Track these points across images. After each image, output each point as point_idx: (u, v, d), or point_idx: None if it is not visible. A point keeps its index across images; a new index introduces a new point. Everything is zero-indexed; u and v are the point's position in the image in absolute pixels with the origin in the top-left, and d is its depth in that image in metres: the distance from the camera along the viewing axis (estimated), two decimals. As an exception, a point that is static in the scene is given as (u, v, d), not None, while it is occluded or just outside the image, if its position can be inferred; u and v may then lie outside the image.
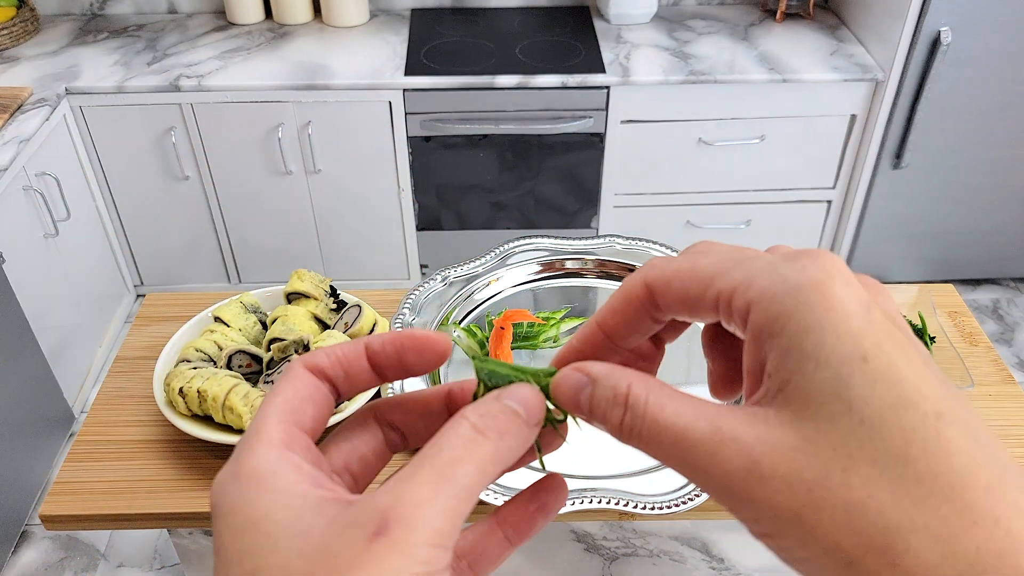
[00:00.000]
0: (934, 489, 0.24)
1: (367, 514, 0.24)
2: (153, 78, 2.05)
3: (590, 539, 0.94)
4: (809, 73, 2.10)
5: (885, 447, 0.24)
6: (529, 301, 0.96)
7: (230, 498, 0.26)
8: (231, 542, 0.25)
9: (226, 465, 0.28)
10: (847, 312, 0.25)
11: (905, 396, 0.24)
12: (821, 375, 0.25)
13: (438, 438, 0.27)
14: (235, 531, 0.25)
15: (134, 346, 0.96)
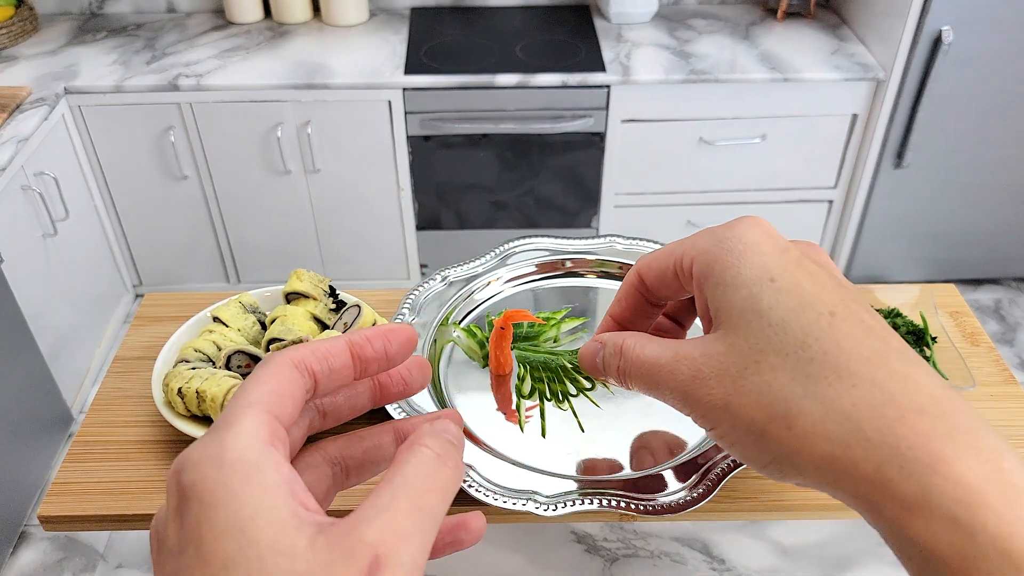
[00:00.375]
0: (823, 365, 0.30)
1: (357, 549, 0.24)
2: (152, 77, 2.04)
3: (590, 540, 0.94)
4: (810, 72, 2.09)
5: (787, 339, 0.31)
6: (529, 301, 0.95)
7: (212, 486, 0.24)
8: (212, 543, 0.24)
9: (201, 444, 0.26)
10: (760, 250, 0.33)
11: (805, 302, 0.31)
12: (739, 295, 0.32)
13: (404, 466, 0.27)
14: (218, 531, 0.24)
15: (133, 346, 0.96)
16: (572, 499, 0.69)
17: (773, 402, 0.30)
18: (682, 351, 0.34)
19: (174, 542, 0.25)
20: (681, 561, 0.96)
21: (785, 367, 0.30)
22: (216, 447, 0.25)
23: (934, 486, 0.26)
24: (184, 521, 0.25)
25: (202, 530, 0.24)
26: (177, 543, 0.25)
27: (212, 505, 0.24)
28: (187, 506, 0.25)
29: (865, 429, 0.28)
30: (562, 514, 0.68)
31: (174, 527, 0.25)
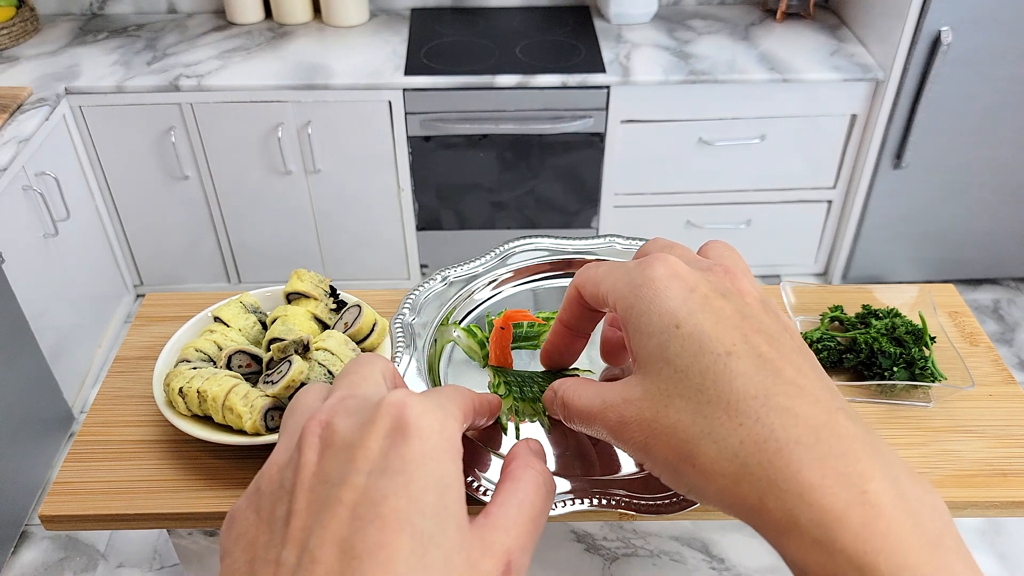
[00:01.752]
0: (717, 405, 0.32)
1: (499, 550, 0.30)
2: (153, 78, 2.04)
3: (590, 539, 0.94)
4: (809, 73, 2.09)
5: (689, 384, 0.33)
6: (529, 301, 0.96)
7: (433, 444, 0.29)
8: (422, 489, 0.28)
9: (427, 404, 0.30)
10: (668, 295, 0.35)
11: (704, 346, 0.33)
12: (652, 343, 0.35)
13: (523, 483, 0.35)
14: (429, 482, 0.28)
15: (133, 346, 0.96)
16: (571, 498, 0.70)
17: (680, 443, 0.33)
18: (608, 399, 0.37)
19: (379, 458, 0.28)
20: (681, 560, 0.97)
21: (688, 409, 0.33)
22: (441, 416, 0.30)
23: (800, 513, 0.29)
24: (400, 449, 0.28)
25: (416, 470, 0.28)
26: (384, 462, 0.28)
27: (431, 457, 0.29)
28: (407, 439, 0.29)
29: (750, 464, 0.31)
30: (561, 513, 0.69)
31: (382, 444, 0.29)
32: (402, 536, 0.26)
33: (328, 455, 0.29)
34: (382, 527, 0.26)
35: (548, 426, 0.78)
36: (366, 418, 0.30)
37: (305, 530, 0.27)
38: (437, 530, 0.28)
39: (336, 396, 0.32)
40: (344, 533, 0.27)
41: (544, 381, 0.81)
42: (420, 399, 0.30)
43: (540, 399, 0.79)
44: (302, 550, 0.27)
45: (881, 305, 0.95)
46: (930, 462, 0.79)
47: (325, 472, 0.29)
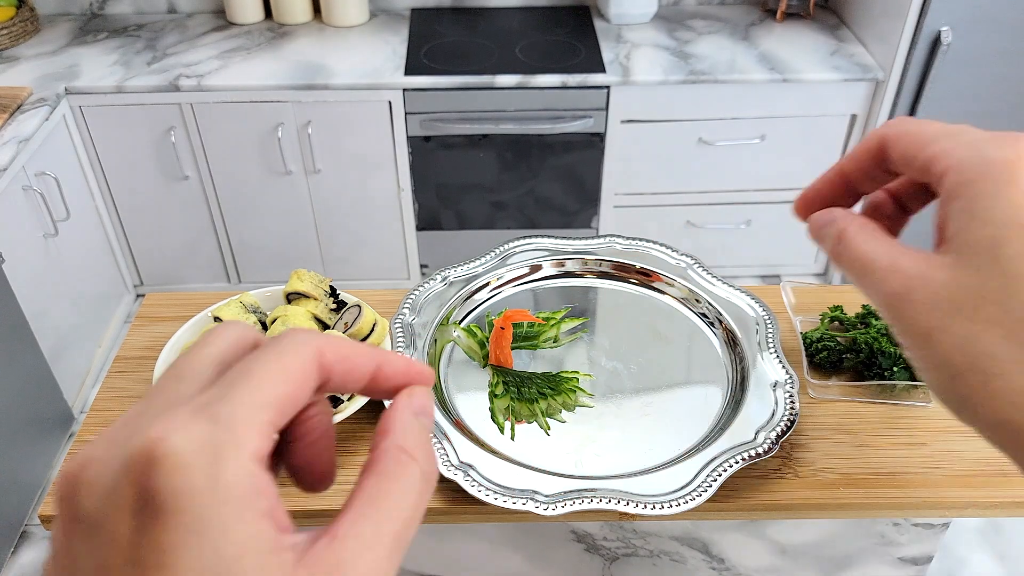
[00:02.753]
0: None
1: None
2: (153, 78, 2.05)
3: (590, 539, 0.94)
4: (809, 73, 2.09)
5: (1017, 298, 0.29)
6: (529, 301, 0.96)
7: (200, 511, 0.21)
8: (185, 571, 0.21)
9: (190, 438, 0.22)
10: (1022, 188, 0.30)
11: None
12: (983, 232, 0.30)
13: (389, 490, 0.25)
14: (197, 567, 0.21)
15: (134, 346, 0.96)
16: (572, 498, 0.70)
17: (977, 355, 0.29)
18: (900, 262, 0.33)
19: (130, 548, 0.21)
20: (681, 560, 0.97)
21: (1003, 324, 0.29)
22: (211, 462, 0.22)
23: None
24: (151, 533, 0.21)
25: (180, 559, 0.21)
26: (135, 553, 0.21)
27: (196, 533, 0.21)
28: (157, 518, 0.21)
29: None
30: (562, 513, 0.69)
31: (130, 528, 0.21)
32: None
33: (76, 535, 0.22)
34: None
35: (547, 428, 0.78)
36: (115, 479, 0.22)
37: None
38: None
39: (108, 431, 0.24)
40: None
41: (543, 381, 0.81)
42: (183, 433, 0.22)
43: (538, 400, 0.79)
44: None
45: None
46: (930, 462, 0.79)
47: (75, 559, 0.22)
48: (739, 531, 0.94)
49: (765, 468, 0.77)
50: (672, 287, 0.94)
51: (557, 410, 0.80)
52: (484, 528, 0.91)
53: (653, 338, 0.90)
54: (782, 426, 0.76)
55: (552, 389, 0.80)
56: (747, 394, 0.80)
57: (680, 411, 0.81)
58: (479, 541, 0.93)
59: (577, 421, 0.80)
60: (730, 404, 0.81)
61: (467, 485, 0.70)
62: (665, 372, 0.85)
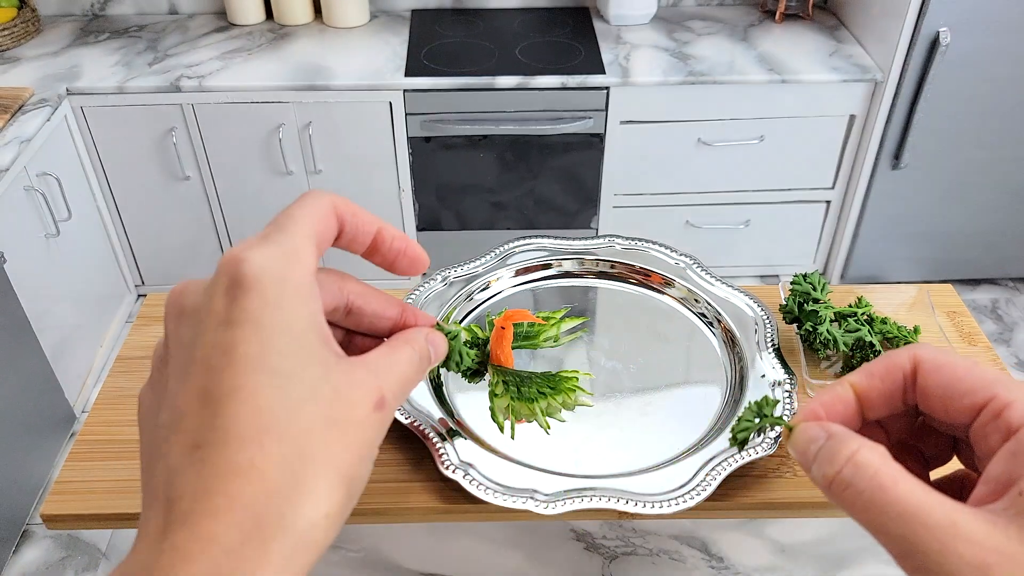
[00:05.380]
0: None
1: (372, 385, 0.31)
2: (154, 79, 2.05)
3: (589, 538, 0.94)
4: (808, 74, 2.10)
5: None
6: (529, 301, 0.96)
7: (276, 293, 0.28)
8: (272, 334, 0.28)
9: (264, 250, 0.29)
10: None
11: None
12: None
13: (409, 348, 0.35)
14: (278, 328, 0.28)
15: (135, 346, 0.96)
16: (571, 497, 0.70)
17: None
18: (962, 523, 0.28)
19: (223, 313, 0.28)
20: (680, 559, 0.97)
21: None
22: (283, 263, 0.29)
23: None
24: (240, 303, 0.28)
25: (263, 318, 0.28)
26: (228, 315, 0.28)
27: (275, 306, 0.28)
28: (246, 294, 0.28)
29: None
30: (561, 512, 0.69)
31: (224, 301, 0.28)
32: (258, 375, 0.27)
33: (182, 322, 0.29)
34: (235, 372, 0.27)
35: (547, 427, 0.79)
36: (208, 283, 0.29)
37: (173, 392, 0.28)
38: (297, 367, 0.28)
39: None
40: (202, 384, 0.27)
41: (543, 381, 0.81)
42: (259, 250, 0.29)
43: (538, 399, 0.79)
44: (172, 409, 0.28)
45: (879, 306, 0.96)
46: (927, 461, 0.80)
47: (181, 338, 0.29)
48: (738, 530, 0.94)
49: (764, 467, 0.77)
50: (671, 287, 0.95)
51: (557, 409, 0.80)
52: (484, 527, 0.92)
53: (652, 338, 0.90)
54: (782, 406, 0.76)
55: (552, 388, 0.80)
56: (746, 393, 0.81)
57: (679, 410, 0.82)
58: (479, 540, 0.94)
59: (577, 420, 0.80)
60: (729, 404, 0.81)
61: (467, 484, 0.71)
62: (664, 372, 0.86)
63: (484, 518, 0.75)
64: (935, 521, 0.28)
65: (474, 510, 0.74)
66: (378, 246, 0.37)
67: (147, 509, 0.27)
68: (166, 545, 0.25)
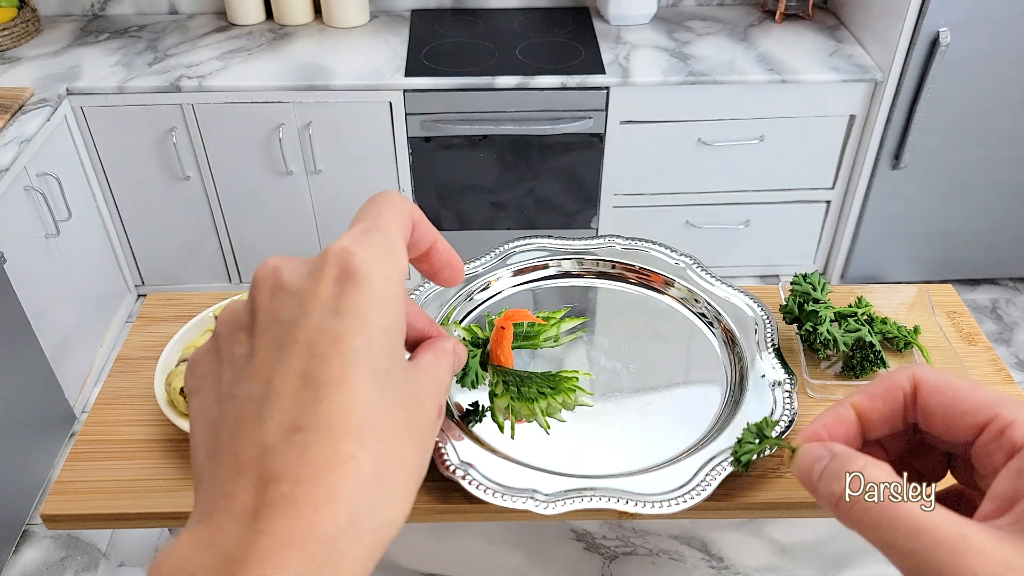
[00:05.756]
0: None
1: (433, 395, 0.33)
2: (154, 78, 2.05)
3: (589, 538, 0.94)
4: (808, 74, 2.10)
5: None
6: (529, 301, 0.96)
7: (383, 290, 0.29)
8: (379, 331, 0.29)
9: (370, 246, 0.30)
10: None
11: None
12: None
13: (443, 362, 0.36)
14: (383, 325, 0.29)
15: (135, 346, 0.97)
16: (571, 497, 0.70)
17: None
18: (972, 538, 0.28)
19: (331, 302, 0.28)
20: (680, 559, 0.97)
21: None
22: (388, 263, 0.30)
23: None
24: (350, 295, 0.28)
25: (370, 314, 0.29)
26: (336, 305, 0.28)
27: (379, 304, 0.29)
28: (357, 288, 0.29)
29: None
30: (561, 512, 0.69)
31: (333, 289, 0.29)
32: (362, 371, 0.27)
33: (279, 298, 0.29)
34: (343, 362, 0.27)
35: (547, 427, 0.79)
36: (313, 266, 0.30)
37: (265, 366, 0.28)
38: (391, 367, 0.29)
39: None
40: (305, 367, 0.27)
41: (543, 381, 0.81)
42: (365, 247, 0.30)
43: (538, 399, 0.80)
44: (265, 384, 0.27)
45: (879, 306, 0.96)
46: (927, 461, 0.80)
47: (277, 314, 0.29)
48: (738, 530, 0.94)
49: (764, 467, 0.77)
50: (671, 287, 0.95)
51: (557, 409, 0.80)
52: (484, 527, 0.92)
53: (652, 338, 0.90)
54: (781, 425, 0.76)
55: (552, 388, 0.80)
56: (746, 393, 0.81)
57: (679, 410, 0.82)
58: (479, 540, 0.94)
59: (577, 420, 0.80)
60: (729, 403, 0.81)
61: (467, 484, 0.71)
62: (664, 372, 0.86)
63: (484, 518, 0.75)
64: (945, 536, 0.28)
65: (474, 510, 0.74)
66: (429, 255, 0.37)
67: (228, 479, 0.26)
68: (263, 527, 0.25)
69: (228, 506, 0.26)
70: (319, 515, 0.25)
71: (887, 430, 0.35)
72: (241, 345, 0.29)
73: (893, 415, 0.35)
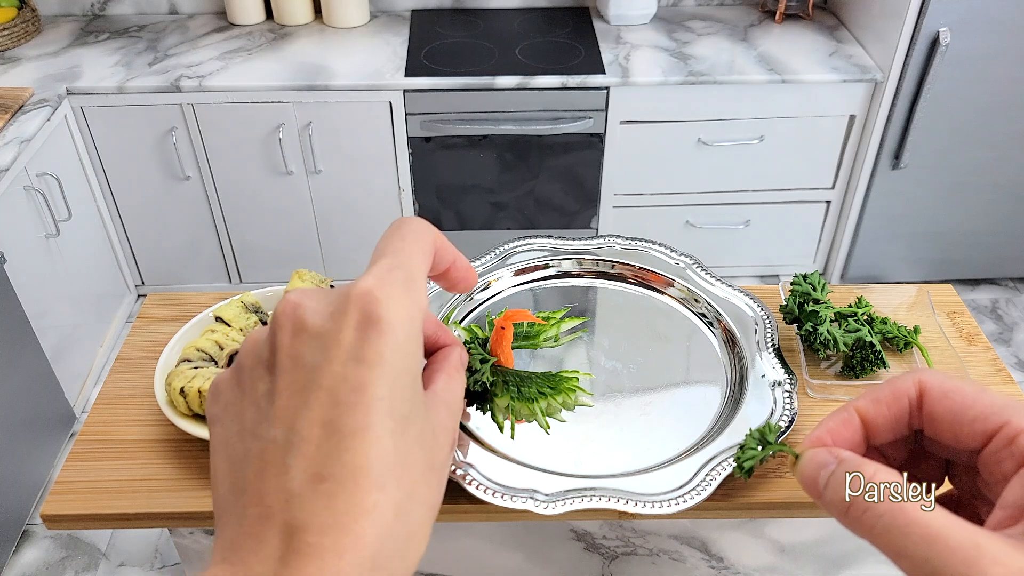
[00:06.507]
0: None
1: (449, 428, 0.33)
2: (154, 79, 2.05)
3: (590, 538, 0.94)
4: (808, 74, 2.10)
5: None
6: (529, 301, 0.96)
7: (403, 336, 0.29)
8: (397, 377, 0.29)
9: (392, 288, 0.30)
10: None
11: None
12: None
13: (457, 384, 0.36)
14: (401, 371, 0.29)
15: (135, 346, 0.97)
16: (571, 497, 0.70)
17: None
18: (986, 545, 0.28)
19: (355, 349, 0.28)
20: (680, 559, 0.97)
21: None
22: (411, 305, 0.30)
23: None
24: (373, 344, 0.28)
25: (393, 362, 0.29)
26: (359, 352, 0.28)
27: (402, 350, 0.29)
28: (380, 336, 0.29)
29: None
30: (561, 512, 0.69)
31: (356, 336, 0.29)
32: (385, 419, 0.28)
33: (301, 339, 0.29)
34: (366, 411, 0.28)
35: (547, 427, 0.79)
36: (335, 308, 0.30)
37: (289, 410, 0.28)
38: (412, 410, 0.29)
39: None
40: (329, 415, 0.28)
41: (543, 381, 0.81)
42: (388, 289, 0.30)
43: (538, 399, 0.80)
44: (289, 429, 0.28)
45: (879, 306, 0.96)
46: (927, 461, 0.80)
47: (299, 356, 0.29)
48: (738, 530, 0.94)
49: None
50: (671, 287, 0.95)
51: (557, 409, 0.80)
52: (484, 527, 0.92)
53: (652, 338, 0.90)
54: (781, 425, 0.76)
55: (552, 388, 0.80)
56: (746, 393, 0.81)
57: (679, 410, 0.82)
58: (479, 540, 0.94)
59: (577, 420, 0.80)
60: (729, 403, 0.81)
61: (467, 484, 0.71)
62: (664, 372, 0.86)
63: (484, 518, 0.75)
64: (959, 543, 0.28)
65: (474, 510, 0.74)
66: (447, 273, 0.38)
67: (256, 521, 0.27)
68: (291, 572, 0.26)
69: (257, 548, 0.27)
70: (344, 562, 0.26)
71: (891, 436, 0.35)
72: (263, 383, 0.30)
73: (898, 421, 0.34)
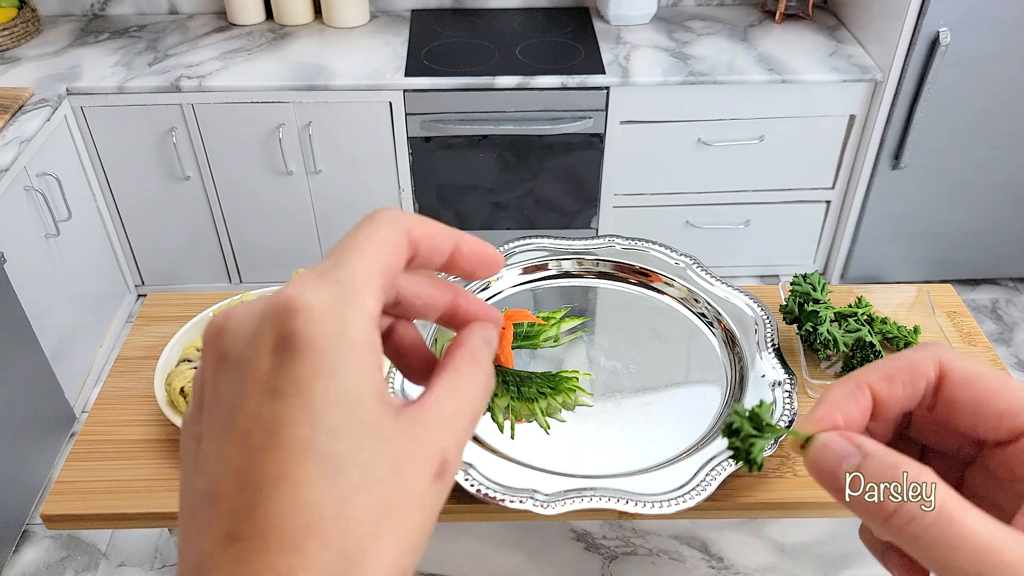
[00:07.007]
0: None
1: (432, 449, 0.26)
2: (154, 79, 2.05)
3: (590, 538, 0.95)
4: (808, 74, 2.10)
5: None
6: (529, 301, 0.96)
7: (331, 353, 0.24)
8: (324, 407, 0.24)
9: (320, 297, 0.25)
10: None
11: None
12: None
13: (468, 380, 0.29)
14: (331, 400, 0.24)
15: (135, 346, 0.97)
16: (571, 497, 0.70)
17: None
18: None
19: (269, 380, 0.24)
20: (680, 559, 0.97)
21: None
22: (340, 313, 0.25)
23: None
24: (289, 368, 0.24)
25: (314, 389, 0.24)
26: (274, 383, 0.24)
27: (328, 372, 0.24)
28: (295, 356, 0.24)
29: None
30: (561, 512, 0.69)
31: (270, 362, 0.24)
32: (306, 464, 0.23)
33: (221, 372, 0.26)
34: (280, 457, 0.23)
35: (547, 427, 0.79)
36: (256, 324, 0.25)
37: (209, 457, 0.25)
38: (350, 449, 0.24)
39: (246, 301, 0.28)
40: (240, 464, 0.24)
41: (543, 381, 0.81)
42: (315, 293, 0.25)
43: (538, 399, 0.80)
44: (208, 480, 0.25)
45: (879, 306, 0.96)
46: (927, 461, 0.80)
47: (220, 392, 0.25)
48: (738, 530, 0.94)
49: (765, 467, 0.77)
50: (671, 287, 0.95)
51: (557, 409, 0.80)
52: (484, 527, 0.92)
53: (652, 338, 0.90)
54: (781, 425, 0.76)
55: (552, 388, 0.80)
56: (746, 393, 0.81)
57: (679, 410, 0.82)
58: (479, 540, 0.94)
59: (577, 420, 0.80)
60: (729, 404, 0.81)
61: (467, 484, 0.71)
62: (664, 372, 0.86)
63: (484, 518, 0.75)
64: (1012, 555, 0.26)
65: (474, 510, 0.74)
66: (455, 261, 0.31)
67: (183, 570, 0.25)
68: None
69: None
70: None
71: (898, 417, 0.32)
72: (195, 425, 0.26)
73: (909, 402, 0.31)
